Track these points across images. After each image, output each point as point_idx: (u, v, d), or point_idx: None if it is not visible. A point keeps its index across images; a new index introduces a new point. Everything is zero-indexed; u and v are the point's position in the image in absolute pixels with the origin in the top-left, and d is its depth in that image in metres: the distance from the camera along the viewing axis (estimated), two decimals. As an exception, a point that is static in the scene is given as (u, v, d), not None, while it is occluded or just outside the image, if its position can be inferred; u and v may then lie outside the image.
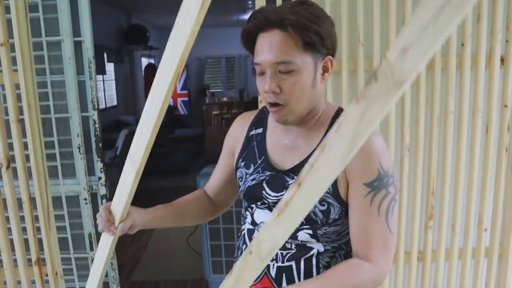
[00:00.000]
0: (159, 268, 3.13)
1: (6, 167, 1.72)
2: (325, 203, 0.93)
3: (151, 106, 0.87)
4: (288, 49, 0.87)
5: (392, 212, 0.91)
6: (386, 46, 1.67)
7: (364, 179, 0.90)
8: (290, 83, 0.89)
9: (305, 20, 0.86)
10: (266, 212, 1.00)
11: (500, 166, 1.78)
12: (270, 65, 0.89)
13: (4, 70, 1.66)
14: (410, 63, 0.45)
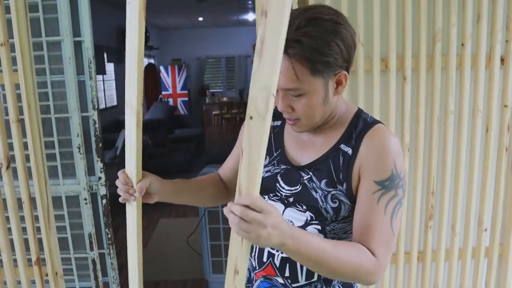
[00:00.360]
0: (159, 268, 3.13)
1: (6, 167, 1.72)
2: (336, 200, 0.94)
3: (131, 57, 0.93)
4: (295, 76, 0.86)
5: (396, 214, 0.91)
6: (386, 46, 1.67)
7: (376, 177, 0.90)
8: (301, 104, 0.90)
9: (309, 50, 0.83)
10: (278, 204, 1.01)
11: (500, 166, 1.78)
12: (279, 89, 0.88)
13: (4, 70, 1.66)
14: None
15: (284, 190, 1.00)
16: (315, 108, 0.91)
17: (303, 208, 0.98)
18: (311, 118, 0.92)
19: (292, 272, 1.00)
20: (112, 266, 2.04)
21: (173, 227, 3.88)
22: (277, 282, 1.03)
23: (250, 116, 0.72)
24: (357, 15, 1.63)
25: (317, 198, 0.95)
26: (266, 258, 1.03)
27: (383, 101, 1.71)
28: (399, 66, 1.69)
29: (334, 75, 0.89)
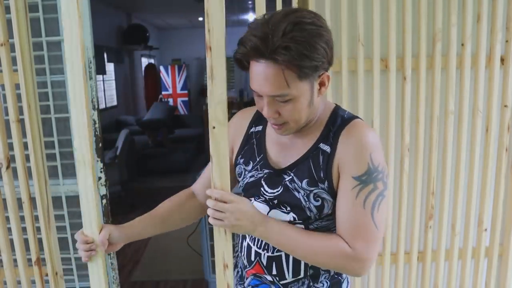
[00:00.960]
0: (159, 268, 3.13)
1: (6, 167, 1.72)
2: (319, 198, 0.96)
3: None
4: (283, 83, 0.86)
5: (378, 207, 0.92)
6: (386, 46, 1.67)
7: (354, 172, 0.92)
8: (288, 109, 0.91)
9: (299, 56, 0.84)
10: (263, 206, 1.04)
11: (500, 166, 1.78)
12: (267, 97, 0.90)
13: (4, 70, 1.66)
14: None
15: (268, 193, 1.02)
16: (302, 111, 0.92)
17: (287, 209, 1.00)
18: (298, 121, 0.94)
19: (279, 270, 1.03)
20: (112, 266, 2.04)
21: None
22: (266, 279, 1.06)
23: (213, 126, 0.91)
24: (357, 15, 1.63)
25: (299, 198, 0.97)
26: (254, 257, 1.06)
27: (383, 101, 1.71)
28: (399, 66, 1.69)
29: (318, 77, 0.91)
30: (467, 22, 1.66)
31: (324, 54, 0.87)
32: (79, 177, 0.99)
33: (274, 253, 1.03)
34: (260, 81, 0.88)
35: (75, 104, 0.96)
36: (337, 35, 1.68)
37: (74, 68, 0.97)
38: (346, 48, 1.66)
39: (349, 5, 1.65)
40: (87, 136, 0.97)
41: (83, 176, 0.98)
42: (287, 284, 1.04)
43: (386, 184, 0.93)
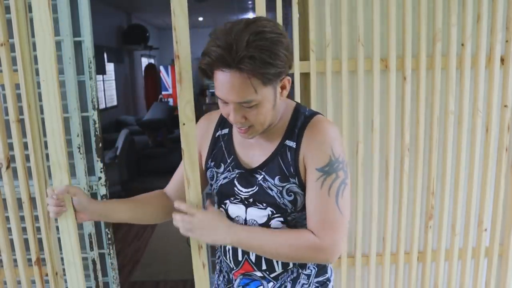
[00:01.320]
0: (159, 268, 3.13)
1: (6, 167, 1.72)
2: (291, 193, 1.02)
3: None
4: (249, 90, 0.90)
5: (342, 195, 0.99)
6: (386, 46, 1.67)
7: (317, 164, 0.98)
8: (254, 114, 0.95)
9: (263, 64, 0.87)
10: (239, 206, 1.09)
11: (500, 166, 1.78)
12: (233, 104, 0.94)
13: (4, 70, 1.66)
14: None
15: (242, 193, 1.07)
16: (266, 115, 0.97)
17: (263, 205, 1.05)
18: (263, 124, 0.98)
19: (268, 264, 1.09)
20: (112, 266, 2.04)
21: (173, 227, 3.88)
22: (256, 276, 1.11)
23: (183, 123, 1.01)
24: (357, 15, 1.64)
25: (273, 196, 1.03)
26: (241, 257, 1.11)
27: (383, 101, 1.71)
28: (399, 66, 1.69)
29: (280, 81, 0.96)
30: (467, 22, 1.66)
31: (285, 59, 0.92)
32: (54, 181, 1.06)
33: None
34: (226, 89, 0.92)
35: (49, 109, 1.05)
36: (337, 35, 1.68)
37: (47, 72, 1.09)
38: (346, 48, 1.66)
39: (349, 5, 1.66)
40: (61, 140, 1.05)
41: (58, 181, 1.07)
42: (277, 276, 1.10)
43: (346, 173, 1.00)
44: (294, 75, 1.68)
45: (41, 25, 1.03)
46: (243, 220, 1.09)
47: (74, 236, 1.11)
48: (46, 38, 1.04)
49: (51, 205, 1.06)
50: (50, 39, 1.04)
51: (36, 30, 1.04)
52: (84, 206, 1.08)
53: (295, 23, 1.66)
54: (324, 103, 1.70)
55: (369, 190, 1.77)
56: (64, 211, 1.07)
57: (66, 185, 1.07)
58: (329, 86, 1.68)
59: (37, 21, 1.03)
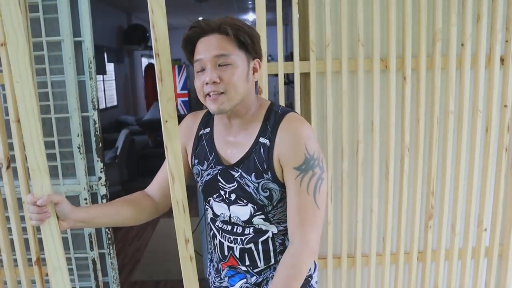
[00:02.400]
0: (159, 268, 3.13)
1: (6, 167, 1.72)
2: (267, 189, 1.07)
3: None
4: (226, 46, 1.03)
5: (319, 190, 1.04)
6: (386, 46, 1.67)
7: (294, 164, 1.03)
8: (229, 73, 1.02)
9: (239, 24, 1.04)
10: (221, 204, 1.14)
11: (500, 166, 1.78)
12: (211, 58, 1.02)
13: (4, 70, 1.66)
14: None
15: (226, 187, 1.12)
16: (240, 80, 1.03)
17: (244, 202, 1.10)
18: (235, 90, 1.03)
19: (251, 260, 1.15)
20: (112, 266, 2.04)
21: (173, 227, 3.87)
22: (240, 269, 1.18)
23: (165, 120, 1.03)
24: (357, 15, 1.64)
25: (250, 192, 1.08)
26: (227, 252, 1.17)
27: (383, 101, 1.71)
28: (399, 66, 1.69)
29: (252, 59, 1.07)
30: (467, 22, 1.66)
31: (255, 40, 1.06)
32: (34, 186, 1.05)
33: (245, 245, 1.14)
34: (207, 46, 1.04)
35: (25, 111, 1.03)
36: (337, 35, 1.68)
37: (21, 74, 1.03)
38: (346, 48, 1.66)
39: (349, 5, 1.66)
40: (40, 143, 1.04)
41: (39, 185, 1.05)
42: (260, 272, 1.15)
43: (322, 168, 1.05)
44: (294, 75, 1.69)
45: (12, 25, 0.98)
46: (228, 217, 1.14)
47: (58, 240, 1.07)
48: (19, 39, 1.00)
49: (33, 213, 1.03)
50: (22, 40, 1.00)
51: (7, 31, 1.00)
52: (65, 215, 1.07)
53: (295, 23, 1.66)
54: (324, 103, 1.71)
55: (369, 190, 1.77)
56: (47, 217, 1.05)
57: (48, 195, 1.04)
58: (329, 86, 1.68)
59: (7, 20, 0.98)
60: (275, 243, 1.13)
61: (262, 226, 1.12)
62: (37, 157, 1.04)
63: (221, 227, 1.17)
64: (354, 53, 1.69)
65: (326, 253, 1.80)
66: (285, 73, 1.72)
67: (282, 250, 1.13)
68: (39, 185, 1.04)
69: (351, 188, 1.78)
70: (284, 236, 1.13)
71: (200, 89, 1.06)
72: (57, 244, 1.08)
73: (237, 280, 1.19)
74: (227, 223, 1.15)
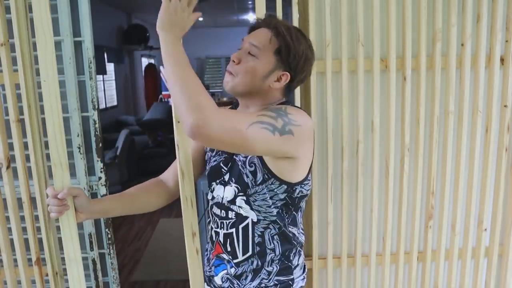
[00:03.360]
0: (159, 268, 3.13)
1: (6, 167, 1.72)
2: (252, 164, 1.11)
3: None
4: (264, 41, 1.09)
5: (260, 129, 0.97)
6: (386, 46, 1.67)
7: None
8: (247, 61, 1.09)
9: (288, 34, 1.08)
10: (220, 187, 1.19)
11: (500, 166, 1.78)
12: (247, 43, 1.10)
13: (4, 70, 1.66)
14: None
15: (225, 171, 1.18)
16: (255, 73, 1.08)
17: (233, 182, 1.15)
18: (243, 77, 1.08)
19: (232, 246, 1.18)
20: (112, 266, 2.04)
21: (173, 227, 3.88)
22: (223, 258, 1.21)
23: (177, 121, 1.10)
24: (357, 15, 1.64)
25: (240, 167, 1.13)
26: (215, 237, 1.23)
27: (383, 101, 1.71)
28: (399, 66, 1.69)
29: (283, 70, 1.10)
30: (467, 22, 1.66)
31: (300, 53, 1.09)
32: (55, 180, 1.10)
33: (228, 230, 1.18)
34: (254, 34, 1.12)
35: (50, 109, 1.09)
36: (337, 35, 1.68)
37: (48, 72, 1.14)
38: (346, 48, 1.66)
39: (349, 5, 1.66)
40: (62, 139, 1.10)
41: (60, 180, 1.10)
42: (239, 263, 1.18)
43: (283, 127, 1.00)
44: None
45: (42, 26, 1.04)
46: (221, 198, 1.19)
47: (75, 233, 1.13)
48: (47, 40, 1.05)
49: (53, 205, 1.09)
50: (50, 41, 1.06)
51: (37, 31, 1.05)
52: (84, 207, 1.13)
53: (295, 23, 1.66)
54: (324, 103, 1.71)
55: (369, 190, 1.77)
56: (66, 210, 1.11)
57: (69, 188, 1.10)
58: (329, 86, 1.68)
59: (37, 21, 1.04)
60: (254, 233, 1.16)
61: (242, 210, 1.15)
62: (59, 153, 1.09)
63: (214, 212, 1.22)
64: (354, 53, 1.69)
65: (326, 253, 1.80)
66: (285, 73, 1.72)
67: (260, 243, 1.16)
68: (60, 180, 1.10)
69: (351, 188, 1.78)
70: (265, 230, 1.16)
71: (229, 65, 1.13)
72: (74, 236, 1.14)
73: (220, 270, 1.22)
74: (218, 205, 1.20)
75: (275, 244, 1.17)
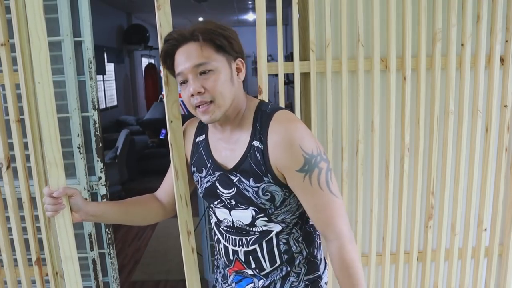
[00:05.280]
0: (159, 268, 3.13)
1: (7, 167, 1.72)
2: (267, 193, 1.03)
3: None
4: (203, 53, 0.99)
5: (331, 181, 1.00)
6: (386, 46, 1.67)
7: (295, 167, 0.98)
8: (212, 81, 0.99)
9: (211, 27, 1.01)
10: (223, 210, 1.11)
11: (500, 166, 1.78)
12: (191, 69, 0.99)
13: (5, 70, 1.66)
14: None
15: (225, 194, 1.09)
16: (224, 85, 1.00)
17: (245, 206, 1.06)
18: (222, 96, 0.99)
19: (257, 262, 1.11)
20: (112, 266, 2.05)
21: (173, 227, 3.88)
22: (247, 274, 1.14)
23: (170, 121, 1.12)
24: (357, 15, 1.64)
25: (250, 197, 1.04)
26: (232, 256, 1.14)
27: (383, 101, 1.71)
28: (399, 66, 1.69)
29: (234, 59, 1.03)
30: (467, 22, 1.66)
31: (234, 35, 1.03)
32: (51, 179, 1.10)
33: (249, 247, 1.10)
34: (184, 58, 1.00)
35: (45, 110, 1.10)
36: (337, 35, 1.68)
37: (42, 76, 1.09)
38: (346, 48, 1.66)
39: (349, 5, 1.66)
40: (57, 139, 1.11)
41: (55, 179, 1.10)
42: (267, 274, 1.11)
43: (326, 160, 1.00)
44: (294, 75, 1.69)
45: (35, 27, 1.05)
46: (231, 222, 1.11)
47: (71, 232, 1.13)
48: (41, 41, 1.06)
49: (49, 204, 1.09)
50: (44, 42, 1.07)
51: (31, 33, 1.06)
52: (79, 207, 1.13)
53: (295, 23, 1.66)
54: (324, 103, 1.71)
55: (369, 190, 1.77)
56: (62, 209, 1.10)
57: (64, 187, 1.10)
58: (329, 86, 1.68)
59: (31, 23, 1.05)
60: (279, 243, 1.09)
61: (265, 227, 1.08)
62: (54, 153, 1.11)
63: (226, 230, 1.14)
64: (354, 53, 1.69)
65: (326, 253, 1.80)
66: (285, 73, 1.72)
67: (287, 250, 1.09)
68: (55, 179, 1.10)
69: (351, 188, 1.78)
70: (289, 236, 1.09)
71: (187, 101, 1.02)
72: (69, 234, 1.13)
73: (245, 285, 1.15)
74: (230, 227, 1.12)
75: (301, 247, 1.11)
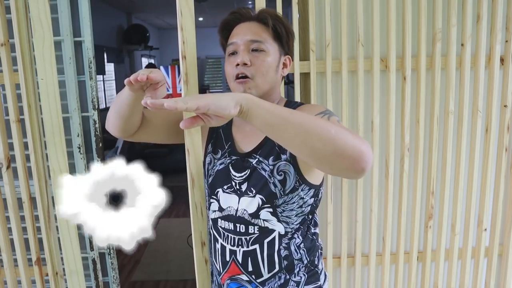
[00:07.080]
0: (159, 268, 3.13)
1: (7, 167, 1.72)
2: (282, 172, 1.02)
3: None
4: (262, 33, 1.04)
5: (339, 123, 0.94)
6: (386, 46, 1.67)
7: (315, 113, 0.99)
8: (260, 60, 1.02)
9: (279, 16, 1.07)
10: (231, 196, 1.07)
11: (500, 166, 1.78)
12: (245, 42, 1.03)
13: (5, 70, 1.66)
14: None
15: (237, 177, 1.07)
16: (269, 68, 1.03)
17: (253, 193, 1.04)
18: (262, 77, 1.02)
19: (255, 265, 1.05)
20: (112, 266, 2.04)
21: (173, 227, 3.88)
22: (242, 280, 1.07)
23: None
24: (357, 15, 1.64)
25: (265, 176, 1.03)
26: (229, 257, 1.08)
27: (383, 101, 1.71)
28: (399, 66, 1.69)
29: (284, 54, 1.08)
30: (467, 22, 1.66)
31: (291, 37, 1.08)
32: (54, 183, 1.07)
33: (249, 247, 1.05)
34: (243, 31, 1.04)
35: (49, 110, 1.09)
36: (337, 35, 1.68)
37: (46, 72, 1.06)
38: (346, 48, 1.66)
39: (349, 5, 1.66)
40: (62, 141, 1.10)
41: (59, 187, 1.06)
42: (264, 282, 1.06)
43: (339, 121, 1.00)
44: (294, 75, 1.69)
45: (39, 18, 1.01)
46: (235, 210, 1.06)
47: (76, 244, 1.12)
48: (45, 33, 1.02)
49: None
50: (49, 34, 1.02)
51: (34, 25, 1.01)
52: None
53: (295, 23, 1.66)
54: (324, 103, 1.71)
55: (369, 190, 1.77)
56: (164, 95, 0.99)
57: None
58: (329, 86, 1.68)
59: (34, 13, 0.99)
60: (280, 247, 1.05)
61: (268, 223, 1.04)
62: (59, 159, 1.09)
63: (224, 227, 1.09)
64: (354, 53, 1.69)
65: (326, 253, 1.80)
66: (285, 73, 1.72)
67: (287, 256, 1.05)
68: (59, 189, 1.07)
69: (351, 188, 1.78)
70: (290, 241, 1.06)
71: (229, 72, 1.03)
72: (74, 247, 1.11)
73: None
74: (231, 219, 1.07)
75: (302, 253, 1.08)
